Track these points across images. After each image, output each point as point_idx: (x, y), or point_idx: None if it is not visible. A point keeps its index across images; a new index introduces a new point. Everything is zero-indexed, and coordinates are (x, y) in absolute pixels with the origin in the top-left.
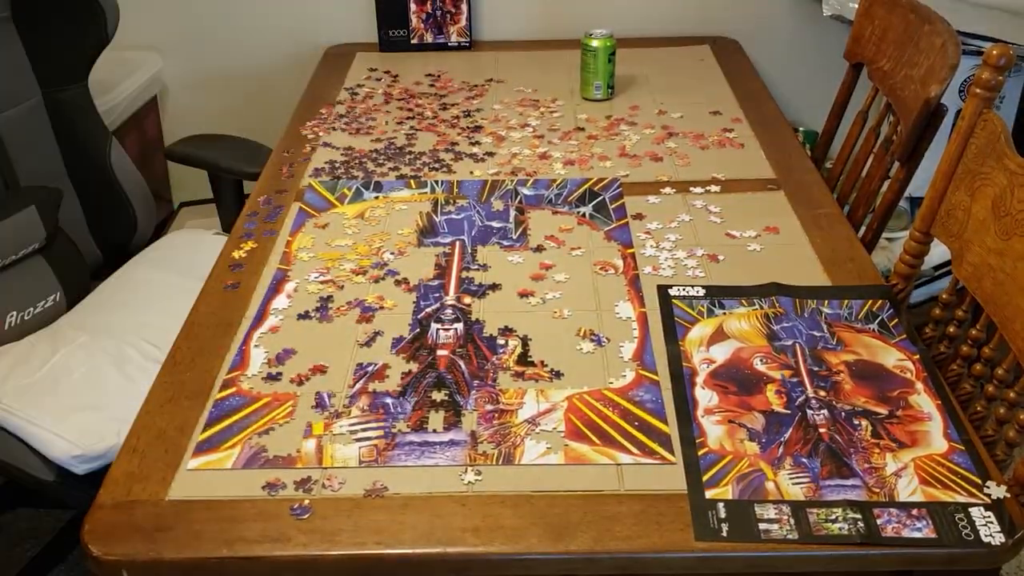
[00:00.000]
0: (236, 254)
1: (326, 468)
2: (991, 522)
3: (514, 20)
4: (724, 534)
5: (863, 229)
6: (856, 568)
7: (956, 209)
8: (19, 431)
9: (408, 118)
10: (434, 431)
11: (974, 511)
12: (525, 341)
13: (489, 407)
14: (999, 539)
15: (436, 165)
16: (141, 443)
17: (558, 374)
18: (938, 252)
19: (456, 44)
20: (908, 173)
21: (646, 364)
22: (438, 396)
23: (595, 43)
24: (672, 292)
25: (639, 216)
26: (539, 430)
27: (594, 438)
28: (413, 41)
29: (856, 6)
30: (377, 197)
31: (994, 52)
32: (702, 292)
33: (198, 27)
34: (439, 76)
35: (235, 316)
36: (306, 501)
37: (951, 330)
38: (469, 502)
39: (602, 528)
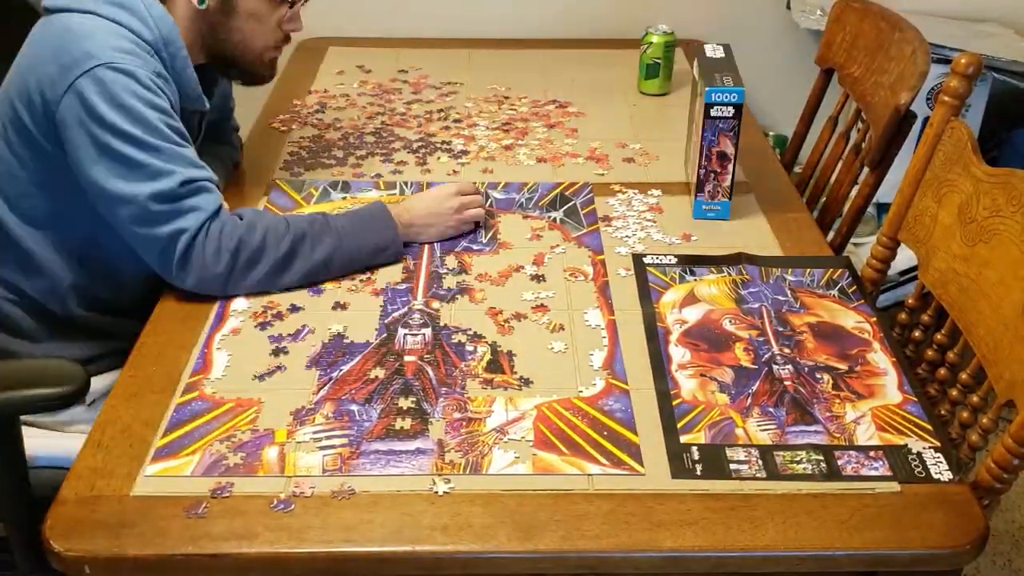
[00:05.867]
0: None
1: (289, 477)
2: (940, 462)
3: (487, 19)
4: (698, 473)
5: (831, 234)
6: (821, 568)
7: (923, 215)
8: None
9: (379, 113)
10: (400, 439)
11: (925, 453)
12: (494, 348)
13: (457, 415)
14: (947, 476)
15: (406, 159)
16: (106, 437)
17: (527, 382)
18: (904, 257)
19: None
20: (877, 179)
21: (616, 373)
22: (405, 403)
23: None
24: (647, 260)
25: (607, 218)
26: (507, 439)
27: (563, 448)
28: None
29: (825, 16)
30: (345, 198)
31: (963, 60)
32: (674, 260)
33: None
34: (412, 73)
35: (200, 311)
36: (282, 495)
37: (916, 335)
38: (438, 501)
39: (571, 527)
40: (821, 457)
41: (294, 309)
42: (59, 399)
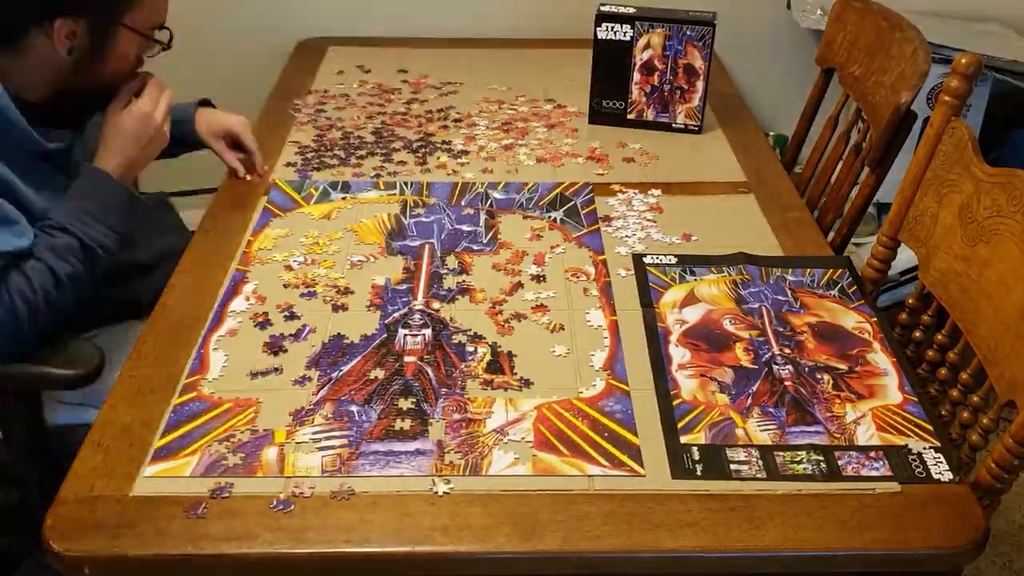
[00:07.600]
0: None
1: (289, 477)
2: (940, 462)
3: (487, 19)
4: (699, 473)
5: (832, 234)
6: (821, 568)
7: (923, 215)
8: None
9: (379, 113)
10: (400, 440)
11: (926, 453)
12: (495, 348)
13: (457, 416)
14: (947, 476)
15: (406, 159)
16: (105, 438)
17: (528, 383)
18: (905, 257)
19: (683, 127)
20: (878, 179)
21: (617, 374)
22: (405, 404)
23: None
24: (647, 260)
25: (607, 218)
26: (507, 440)
27: (563, 449)
28: (630, 116)
29: (825, 16)
30: (344, 198)
31: (963, 60)
32: (674, 260)
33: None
34: (412, 72)
35: (198, 312)
36: (281, 495)
37: (917, 335)
38: (438, 501)
39: (571, 528)
40: (821, 457)
41: (292, 313)
42: (74, 380)
